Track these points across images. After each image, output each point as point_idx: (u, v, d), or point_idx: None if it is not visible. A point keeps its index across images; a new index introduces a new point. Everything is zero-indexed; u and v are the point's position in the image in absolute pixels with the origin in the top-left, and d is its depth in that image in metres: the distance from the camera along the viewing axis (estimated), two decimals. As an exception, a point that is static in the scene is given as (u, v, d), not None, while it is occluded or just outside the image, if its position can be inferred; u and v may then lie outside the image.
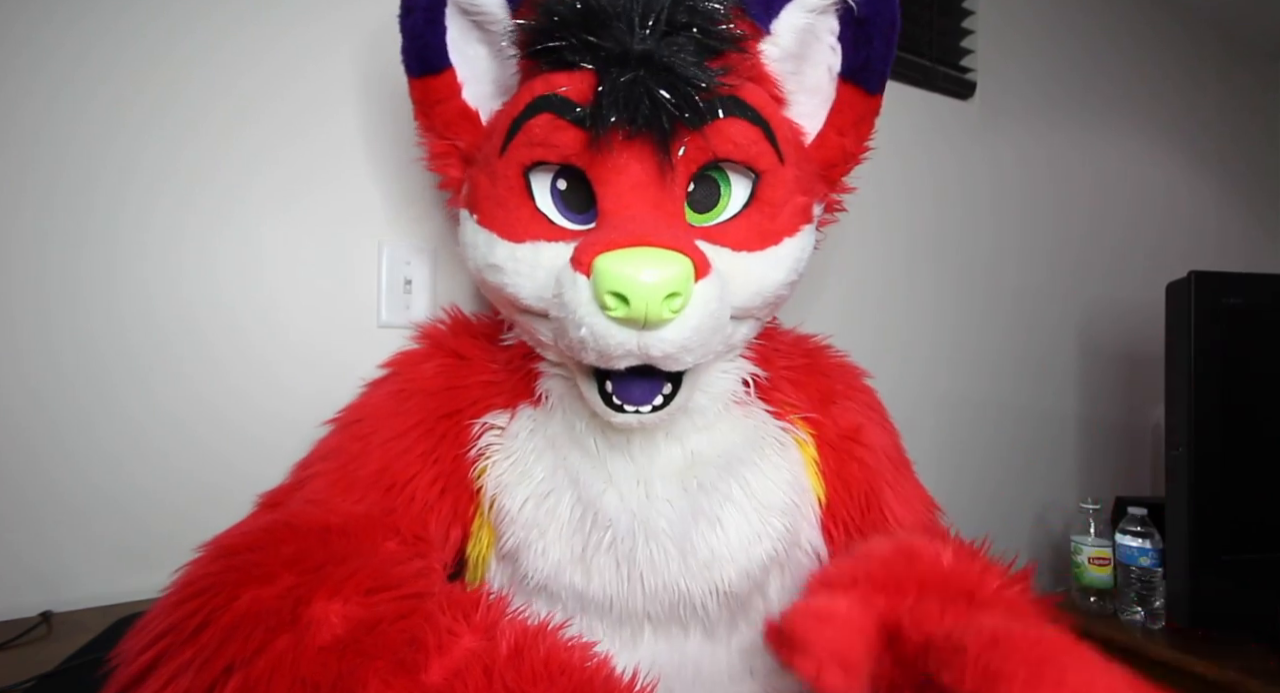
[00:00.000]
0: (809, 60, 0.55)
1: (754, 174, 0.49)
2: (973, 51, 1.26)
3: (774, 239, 0.50)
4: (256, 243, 0.72)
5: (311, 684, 0.32)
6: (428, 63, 0.51)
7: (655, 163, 0.45)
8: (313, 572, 0.36)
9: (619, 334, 0.41)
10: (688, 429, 0.53)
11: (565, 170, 0.47)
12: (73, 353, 0.64)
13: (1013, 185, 1.33)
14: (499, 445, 0.52)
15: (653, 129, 0.43)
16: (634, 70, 0.42)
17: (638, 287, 0.38)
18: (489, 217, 0.49)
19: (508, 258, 0.48)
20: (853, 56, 0.53)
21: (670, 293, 0.39)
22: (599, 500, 0.48)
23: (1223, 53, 1.73)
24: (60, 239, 0.64)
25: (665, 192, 0.46)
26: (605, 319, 0.40)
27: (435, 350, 0.58)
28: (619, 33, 0.42)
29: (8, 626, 0.58)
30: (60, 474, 0.64)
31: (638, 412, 0.46)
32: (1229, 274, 0.96)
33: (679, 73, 0.42)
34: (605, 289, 0.39)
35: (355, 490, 0.48)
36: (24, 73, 0.63)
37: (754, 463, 0.52)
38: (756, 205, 0.49)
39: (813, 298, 1.05)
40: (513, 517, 0.48)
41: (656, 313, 0.39)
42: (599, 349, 0.42)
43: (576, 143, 0.45)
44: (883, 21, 0.52)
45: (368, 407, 0.55)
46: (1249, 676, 0.86)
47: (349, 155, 0.76)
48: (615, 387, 0.46)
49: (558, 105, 0.44)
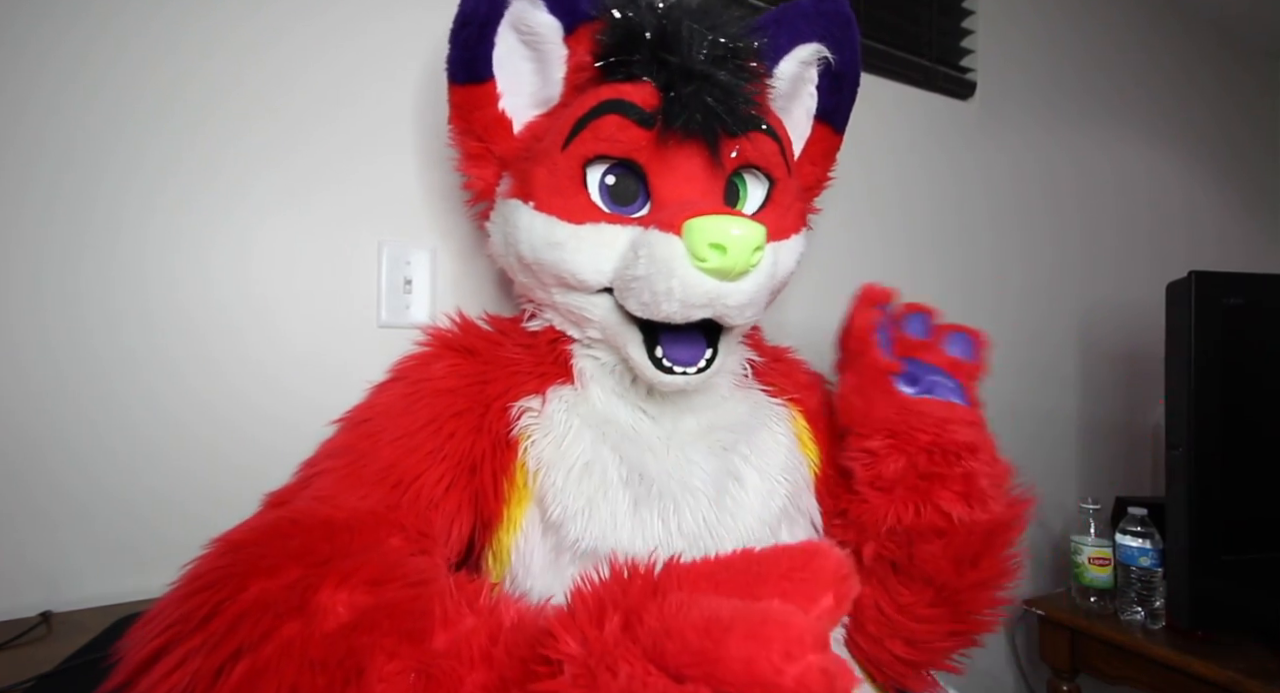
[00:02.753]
0: (796, 101, 0.68)
1: (770, 180, 0.60)
2: (973, 51, 1.26)
3: (786, 233, 0.60)
4: (257, 243, 0.72)
5: (320, 664, 0.32)
6: (474, 72, 0.57)
7: (703, 161, 0.54)
8: (319, 565, 0.37)
9: (706, 282, 0.48)
10: (702, 405, 0.60)
11: (616, 167, 0.55)
12: (73, 353, 0.64)
13: (1012, 185, 1.33)
14: (536, 425, 0.55)
15: (706, 134, 0.53)
16: (695, 84, 0.51)
17: (734, 239, 0.46)
18: (547, 203, 0.55)
19: (570, 236, 0.54)
20: (826, 101, 0.68)
21: (756, 246, 0.47)
22: (641, 463, 0.53)
23: (1222, 52, 1.73)
24: (61, 239, 0.64)
25: (710, 185, 0.55)
26: (696, 271, 0.48)
27: (444, 351, 0.59)
28: (685, 53, 0.51)
29: (8, 626, 0.58)
30: (60, 474, 0.64)
31: (685, 373, 0.54)
32: (1229, 274, 0.96)
33: (730, 90, 0.52)
34: (706, 241, 0.47)
35: (361, 487, 0.48)
36: (25, 75, 0.63)
37: (760, 430, 0.60)
38: (771, 206, 0.60)
39: (813, 298, 1.05)
40: (560, 487, 0.51)
41: (746, 262, 0.47)
42: (685, 298, 0.49)
43: (639, 140, 0.53)
44: (852, 76, 0.67)
45: (377, 406, 0.55)
46: (1249, 676, 0.86)
47: (349, 156, 0.76)
48: (666, 350, 0.54)
49: (625, 108, 0.52)
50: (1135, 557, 1.02)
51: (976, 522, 0.55)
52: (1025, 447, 1.32)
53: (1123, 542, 1.03)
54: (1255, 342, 0.96)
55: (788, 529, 0.58)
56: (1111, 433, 1.45)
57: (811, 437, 0.64)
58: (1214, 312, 0.94)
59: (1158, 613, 1.01)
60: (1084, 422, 1.42)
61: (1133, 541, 1.02)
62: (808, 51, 0.65)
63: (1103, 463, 1.44)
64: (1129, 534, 1.03)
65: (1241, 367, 0.95)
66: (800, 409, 0.65)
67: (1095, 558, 1.07)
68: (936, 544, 0.56)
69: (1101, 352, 1.45)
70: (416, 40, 0.78)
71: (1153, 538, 1.01)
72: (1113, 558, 1.06)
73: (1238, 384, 0.94)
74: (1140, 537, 1.02)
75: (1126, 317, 1.46)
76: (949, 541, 0.55)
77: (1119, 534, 1.04)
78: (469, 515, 0.52)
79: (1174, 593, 0.95)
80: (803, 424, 0.64)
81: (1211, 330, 0.93)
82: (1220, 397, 0.93)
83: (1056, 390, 1.39)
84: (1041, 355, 1.36)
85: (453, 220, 0.80)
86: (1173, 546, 0.95)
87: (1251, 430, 0.96)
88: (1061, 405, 1.40)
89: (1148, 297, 1.09)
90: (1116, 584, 1.06)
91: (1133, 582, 1.02)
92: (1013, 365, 1.31)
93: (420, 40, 0.78)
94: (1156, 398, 1.00)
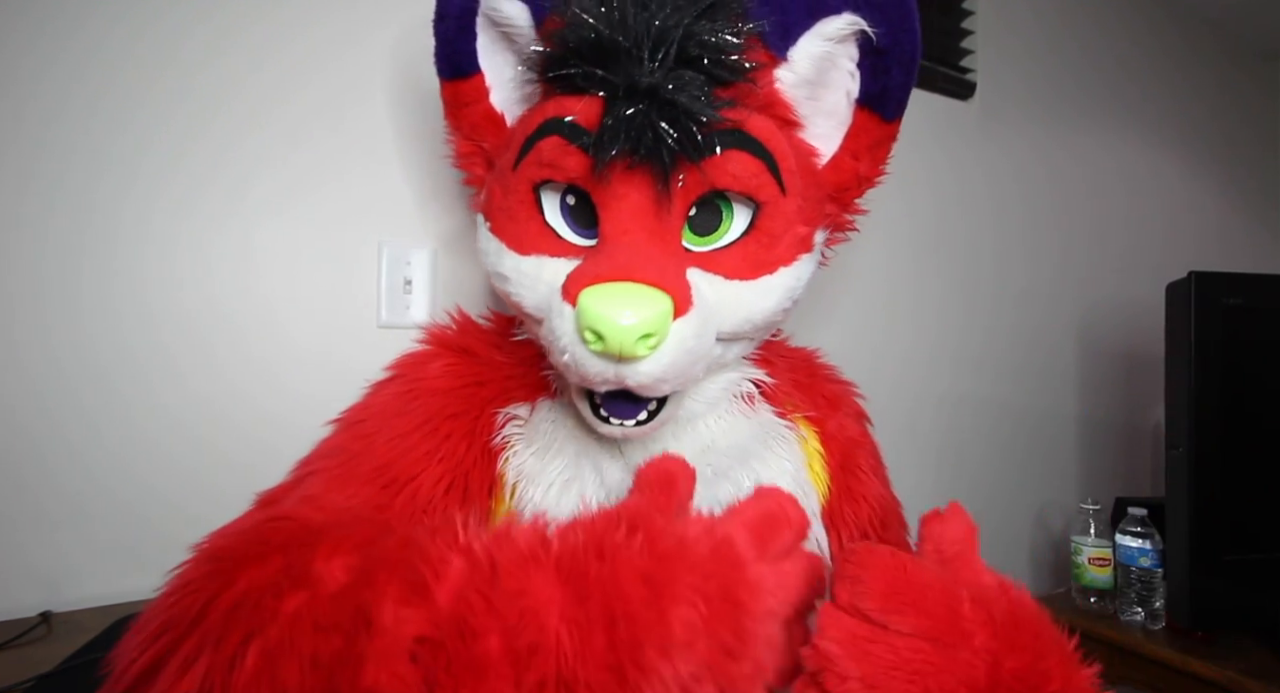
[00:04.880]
0: (827, 86, 0.55)
1: (754, 205, 0.50)
2: (972, 52, 1.26)
3: (768, 268, 0.50)
4: (257, 243, 0.72)
5: (331, 627, 0.32)
6: (458, 67, 0.54)
7: (654, 192, 0.47)
8: (305, 547, 0.37)
9: (598, 364, 0.43)
10: (699, 423, 0.55)
11: (573, 189, 0.49)
12: (74, 352, 0.64)
13: (1012, 185, 1.33)
14: (520, 435, 0.53)
15: (653, 161, 0.45)
16: (638, 103, 0.43)
17: (613, 328, 0.41)
18: (500, 227, 0.52)
19: (513, 269, 0.50)
20: (870, 84, 0.54)
21: (644, 334, 0.41)
22: (621, 487, 0.50)
23: (1221, 53, 1.73)
24: (62, 240, 0.64)
25: (662, 220, 0.48)
26: (586, 350, 0.43)
27: (442, 351, 0.58)
28: (628, 65, 0.43)
29: (8, 626, 0.58)
30: (60, 474, 0.64)
31: (623, 424, 0.49)
32: (1229, 274, 0.96)
33: (682, 107, 0.44)
34: (584, 326, 0.42)
35: (350, 487, 0.48)
36: (27, 79, 0.63)
37: (762, 455, 0.55)
38: (754, 235, 0.50)
39: (813, 298, 1.04)
40: (537, 504, 0.49)
41: (630, 351, 0.42)
42: (582, 374, 0.45)
43: (582, 167, 0.46)
44: (903, 53, 0.52)
45: (372, 407, 0.54)
46: (1249, 676, 0.86)
47: (350, 156, 0.76)
48: (603, 402, 0.49)
49: (566, 130, 0.46)
50: (1135, 557, 1.02)
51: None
52: (1025, 447, 1.32)
53: (1123, 542, 1.03)
54: (1255, 342, 0.96)
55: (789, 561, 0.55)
56: (1111, 433, 1.45)
57: (823, 462, 0.59)
58: (1214, 312, 0.94)
59: (1158, 613, 1.00)
60: (1084, 422, 1.42)
61: (1133, 541, 1.02)
62: (836, 25, 0.52)
63: (1103, 463, 1.44)
64: (1129, 535, 1.03)
65: (1241, 367, 0.95)
66: (816, 430, 0.60)
67: (1095, 558, 1.07)
68: None
69: (1101, 352, 1.45)
70: (417, 42, 0.78)
71: (1153, 538, 1.01)
72: (1113, 558, 1.06)
73: (1238, 384, 0.94)
74: (1140, 537, 1.01)
75: (1126, 317, 1.46)
76: None
77: (1119, 535, 1.04)
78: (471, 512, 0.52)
79: (1174, 593, 0.95)
80: (814, 447, 0.59)
81: (1211, 330, 0.93)
82: (1220, 397, 0.93)
83: (1056, 390, 1.39)
84: (1041, 355, 1.36)
85: (453, 221, 0.80)
86: (1173, 546, 0.95)
87: (1252, 430, 0.95)
88: (1061, 405, 1.40)
89: (1148, 296, 1.09)
90: (1116, 585, 1.06)
91: (1133, 582, 1.02)
92: (1013, 365, 1.31)
93: (421, 42, 0.78)
94: (1156, 398, 1.00)
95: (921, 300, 1.20)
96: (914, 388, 1.18)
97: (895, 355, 1.16)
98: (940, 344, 1.21)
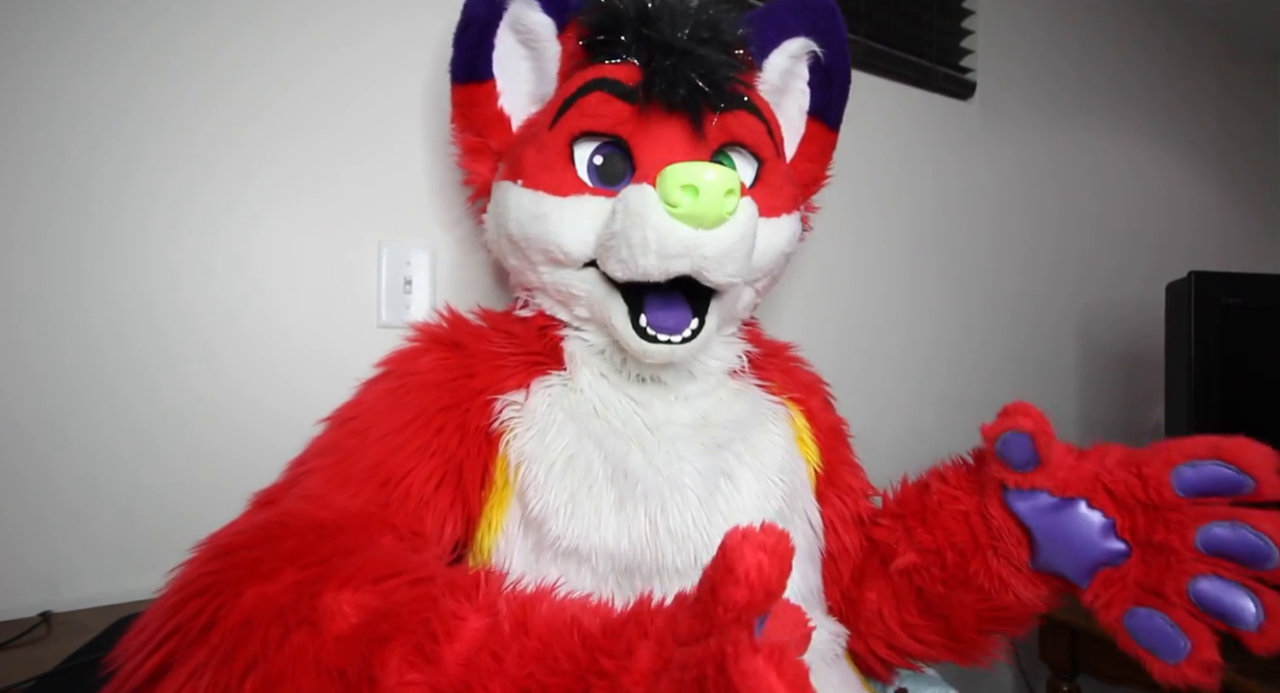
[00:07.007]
0: (787, 95, 0.69)
1: (758, 160, 0.60)
2: (972, 51, 1.26)
3: (776, 212, 0.59)
4: (256, 242, 0.72)
5: (336, 672, 0.32)
6: (475, 72, 0.60)
7: (686, 133, 0.55)
8: (317, 566, 0.36)
9: (680, 230, 0.47)
10: (695, 394, 0.59)
11: (604, 145, 0.56)
12: (73, 352, 0.64)
13: (1012, 185, 1.33)
14: (518, 418, 0.54)
15: (688, 107, 0.54)
16: (676, 58, 0.53)
17: (705, 181, 0.46)
18: (535, 179, 0.56)
19: (555, 207, 0.55)
20: (818, 97, 0.68)
21: (729, 189, 0.46)
22: (625, 460, 0.51)
23: (1222, 52, 1.73)
24: (60, 238, 0.64)
25: (694, 155, 0.55)
26: (670, 218, 0.47)
27: (432, 345, 0.59)
28: (665, 31, 0.53)
29: (8, 626, 0.58)
30: (60, 474, 0.64)
31: (670, 341, 0.52)
32: (1229, 274, 0.96)
33: (712, 65, 0.53)
34: (677, 183, 0.46)
35: (350, 486, 0.48)
36: (24, 74, 0.63)
37: (757, 427, 0.58)
38: (761, 185, 0.60)
39: (813, 298, 1.05)
40: (541, 482, 0.50)
41: (719, 207, 0.46)
42: (660, 247, 0.48)
43: (622, 114, 0.54)
44: (841, 72, 0.67)
45: (364, 403, 0.55)
46: (1249, 676, 0.86)
47: (349, 155, 0.76)
48: (650, 317, 0.53)
49: (609, 85, 0.54)
50: (1135, 557, 1.01)
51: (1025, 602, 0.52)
52: (1025, 447, 1.32)
53: (1123, 542, 1.03)
54: (1255, 342, 0.96)
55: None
56: (1111, 433, 1.45)
57: (812, 436, 0.63)
58: (1213, 311, 0.94)
59: (1158, 613, 1.00)
60: (1084, 422, 1.42)
61: (1133, 541, 1.02)
62: (795, 46, 0.66)
63: (1103, 463, 1.43)
64: (1129, 534, 1.03)
65: (1241, 367, 0.95)
66: (800, 408, 0.64)
67: (1095, 558, 1.07)
68: (973, 597, 0.53)
69: (1101, 352, 1.45)
70: (417, 43, 0.78)
71: (1153, 538, 1.01)
72: (1113, 558, 1.06)
73: (1238, 384, 0.94)
74: (1140, 537, 1.01)
75: (1126, 317, 1.46)
76: (990, 603, 0.53)
77: (1119, 534, 1.04)
78: (461, 513, 0.52)
79: (1174, 593, 0.95)
80: (802, 423, 0.63)
81: (1211, 330, 0.93)
82: (1220, 397, 0.94)
83: (1056, 390, 1.39)
84: (1041, 355, 1.36)
85: (453, 221, 0.80)
86: (1173, 546, 0.95)
87: (1251, 430, 0.94)
88: (1061, 405, 1.40)
89: (1148, 296, 1.09)
90: (1116, 584, 1.06)
91: (1133, 582, 1.02)
92: (1013, 365, 1.31)
93: (421, 43, 0.78)
94: (1156, 398, 1.00)
95: (921, 300, 1.20)
96: (914, 388, 1.18)
97: (895, 355, 1.16)
98: (940, 344, 1.21)
